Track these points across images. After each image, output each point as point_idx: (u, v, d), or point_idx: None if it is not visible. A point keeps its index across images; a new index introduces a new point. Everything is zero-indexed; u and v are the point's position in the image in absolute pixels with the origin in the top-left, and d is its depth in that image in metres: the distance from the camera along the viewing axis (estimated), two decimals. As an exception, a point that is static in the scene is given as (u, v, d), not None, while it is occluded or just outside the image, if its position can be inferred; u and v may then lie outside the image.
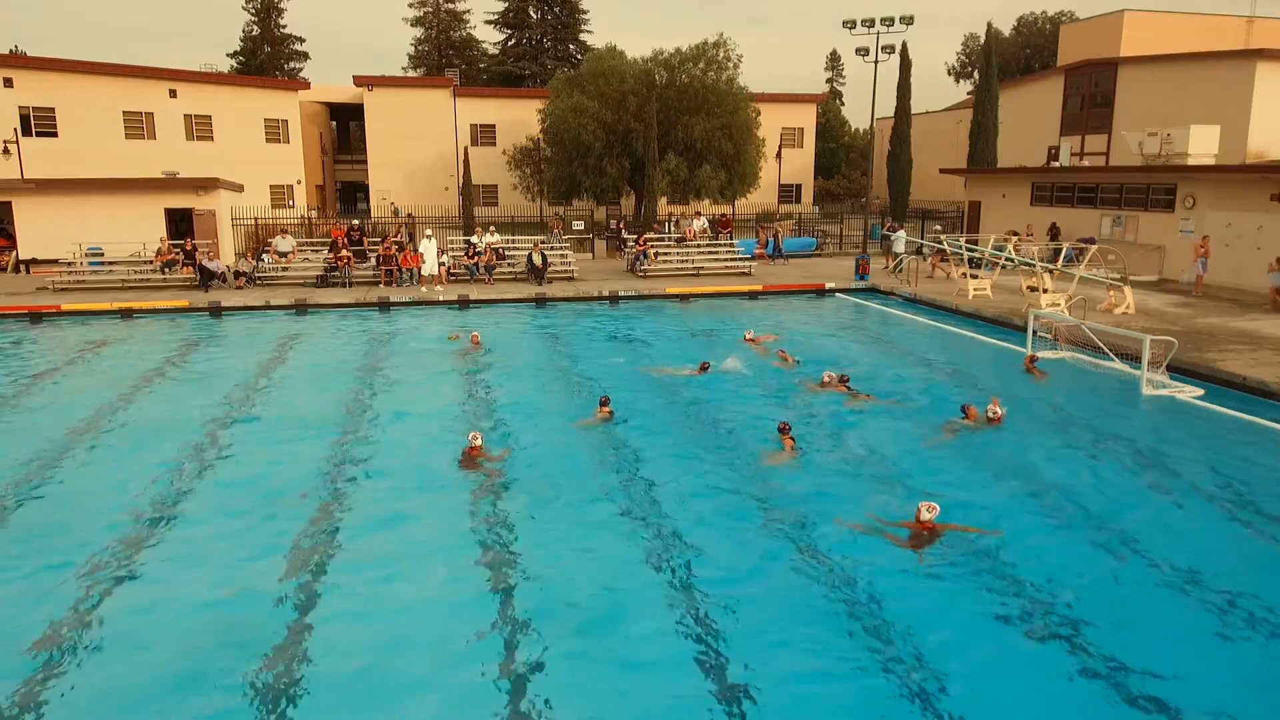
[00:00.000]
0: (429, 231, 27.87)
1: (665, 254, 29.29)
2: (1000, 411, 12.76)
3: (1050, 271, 22.41)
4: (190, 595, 8.08)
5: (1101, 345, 16.36)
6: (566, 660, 7.04)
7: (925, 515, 9.03)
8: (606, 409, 13.23)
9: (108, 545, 9.06)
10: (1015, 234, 29.37)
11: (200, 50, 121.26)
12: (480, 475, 11.06)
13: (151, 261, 26.02)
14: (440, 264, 26.38)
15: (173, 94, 41.05)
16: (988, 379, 16.19)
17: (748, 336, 18.73)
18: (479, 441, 11.61)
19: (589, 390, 15.06)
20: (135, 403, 14.70)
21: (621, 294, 25.34)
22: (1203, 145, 28.09)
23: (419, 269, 26.38)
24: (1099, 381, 15.61)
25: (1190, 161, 27.53)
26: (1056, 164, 36.21)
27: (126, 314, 22.69)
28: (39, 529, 9.57)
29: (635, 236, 30.44)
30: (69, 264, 25.85)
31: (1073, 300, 20.64)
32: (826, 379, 14.83)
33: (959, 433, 12.52)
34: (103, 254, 26.58)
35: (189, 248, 26.03)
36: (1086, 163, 41.25)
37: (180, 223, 28.76)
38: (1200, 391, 14.50)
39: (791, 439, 11.83)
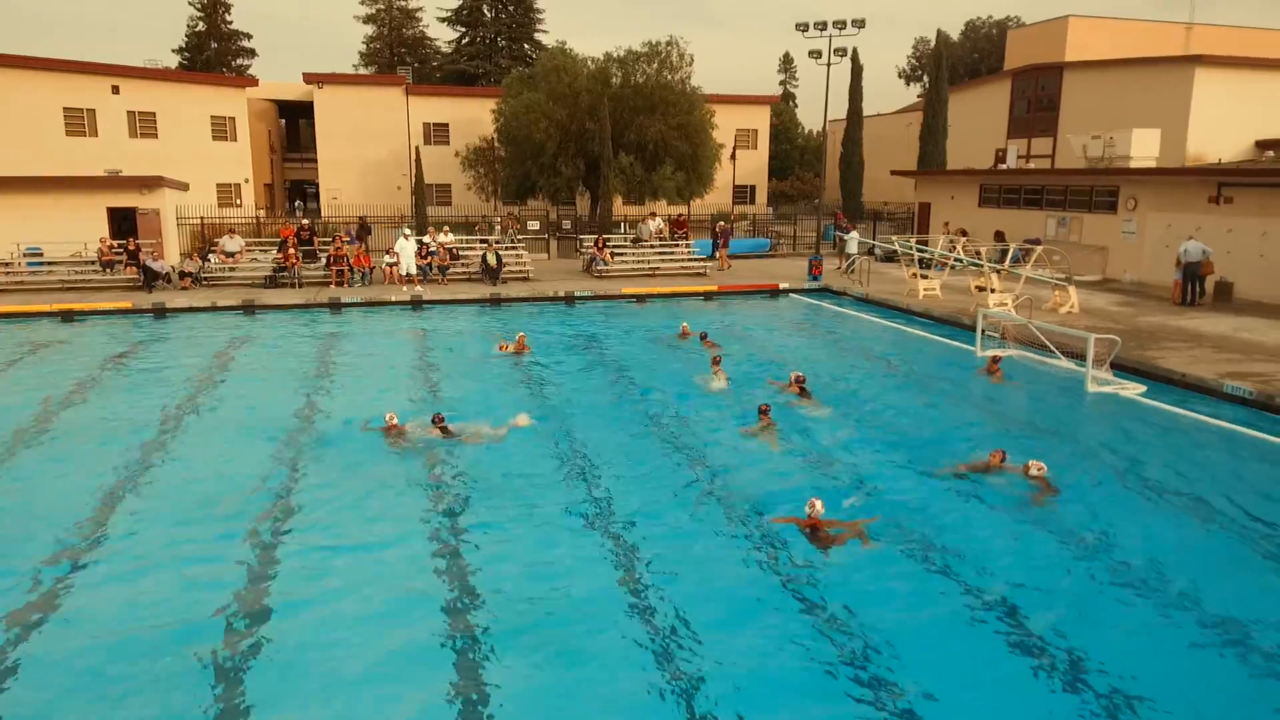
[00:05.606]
0: (406, 230, 27.50)
1: (621, 254, 29.27)
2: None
3: (998, 272, 22.84)
4: (131, 602, 7.87)
5: (1048, 344, 16.68)
6: (525, 664, 7.01)
7: (809, 511, 9.15)
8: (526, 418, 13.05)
9: (46, 553, 8.77)
10: (964, 233, 29.83)
11: (144, 46, 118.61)
12: (435, 481, 10.97)
13: (93, 261, 25.37)
14: (420, 264, 26.14)
15: (115, 90, 40.04)
16: (942, 377, 16.45)
17: (691, 333, 18.97)
18: (395, 420, 12.47)
19: (535, 391, 15.01)
20: (73, 408, 14.28)
21: (578, 294, 25.27)
22: (1144, 148, 28.83)
23: (372, 268, 25.97)
24: (1045, 379, 15.91)
25: (1132, 164, 28.23)
26: (1004, 166, 36.91)
27: (67, 316, 22.06)
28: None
29: (595, 238, 30.21)
30: (6, 264, 25.06)
31: (1019, 300, 21.03)
32: (793, 379, 14.84)
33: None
34: (42, 254, 25.83)
35: (132, 247, 25.39)
36: (1033, 165, 42.11)
37: (123, 222, 28.01)
38: (1142, 388, 14.87)
39: (770, 419, 12.55)
